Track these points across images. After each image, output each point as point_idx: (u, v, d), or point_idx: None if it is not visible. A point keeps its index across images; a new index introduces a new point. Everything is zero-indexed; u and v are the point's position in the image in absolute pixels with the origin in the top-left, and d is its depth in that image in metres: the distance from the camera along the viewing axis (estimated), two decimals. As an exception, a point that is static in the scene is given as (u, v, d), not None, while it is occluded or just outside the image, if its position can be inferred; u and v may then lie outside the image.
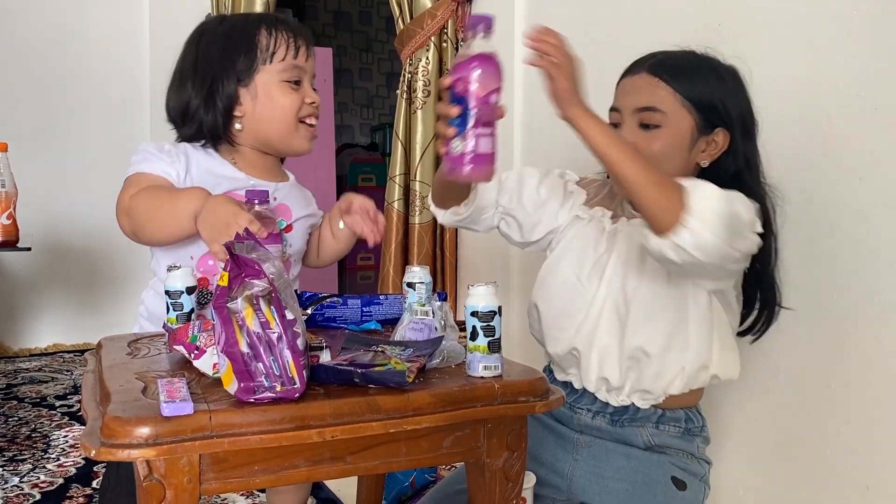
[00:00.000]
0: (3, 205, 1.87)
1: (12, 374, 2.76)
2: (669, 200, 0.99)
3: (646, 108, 1.17)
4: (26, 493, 1.69)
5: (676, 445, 1.21)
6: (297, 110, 1.25)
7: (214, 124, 1.24)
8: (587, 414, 1.23)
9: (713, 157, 1.20)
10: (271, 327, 0.79)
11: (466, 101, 0.97)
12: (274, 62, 1.24)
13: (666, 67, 1.18)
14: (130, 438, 0.73)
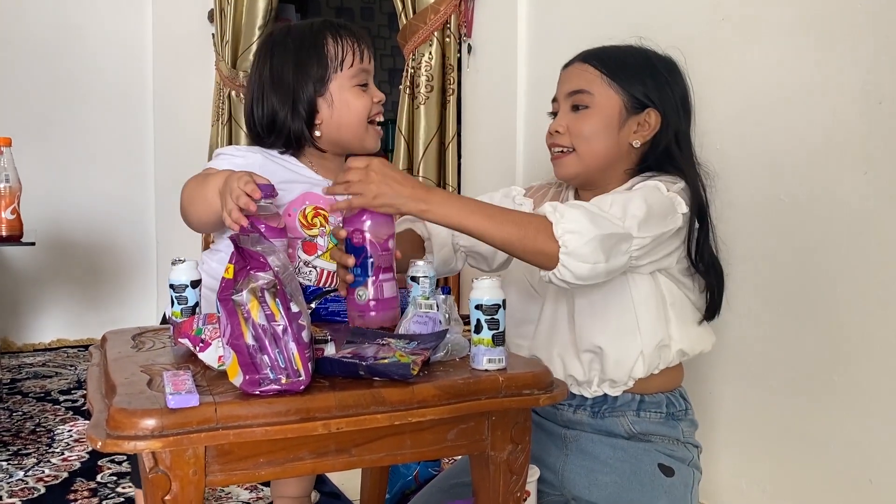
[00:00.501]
0: (7, 200, 1.87)
1: (16, 368, 2.77)
2: (541, 246, 1.04)
3: (576, 92, 1.24)
4: (31, 487, 1.69)
5: (660, 432, 1.22)
6: (368, 112, 1.31)
7: (300, 133, 1.30)
8: (568, 409, 1.24)
9: (645, 138, 1.23)
10: (276, 320, 0.79)
11: (365, 251, 1.04)
12: (344, 69, 1.29)
13: (597, 55, 1.26)
14: (136, 430, 0.73)
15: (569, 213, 1.05)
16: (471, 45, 2.77)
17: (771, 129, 1.52)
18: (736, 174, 1.57)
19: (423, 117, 2.91)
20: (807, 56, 1.46)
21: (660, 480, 1.17)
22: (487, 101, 2.69)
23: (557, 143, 1.25)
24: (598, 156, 1.22)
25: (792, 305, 1.48)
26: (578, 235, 1.02)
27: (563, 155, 1.24)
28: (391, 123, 3.35)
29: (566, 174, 1.26)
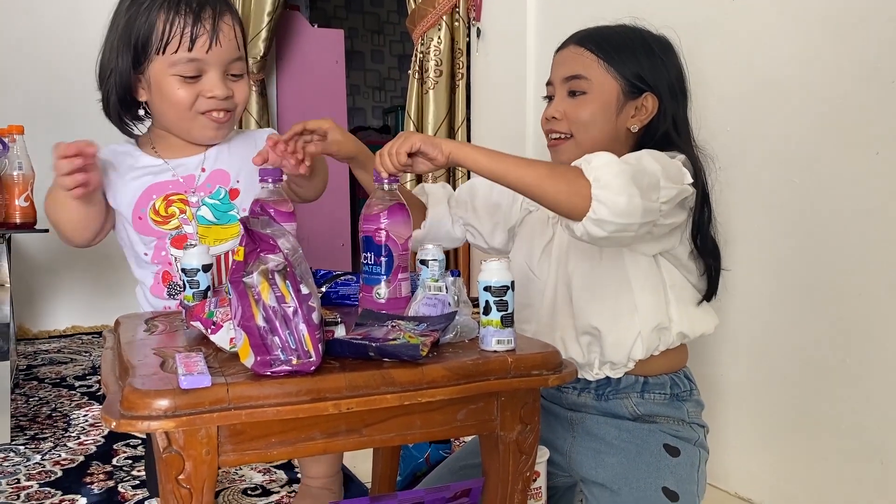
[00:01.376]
0: (21, 187, 1.89)
1: (32, 355, 2.80)
2: (571, 184, 1.01)
3: (572, 77, 1.22)
4: (48, 471, 1.72)
5: (665, 413, 1.22)
6: (190, 104, 1.20)
7: (119, 115, 1.26)
8: (573, 392, 1.25)
9: (643, 122, 1.22)
10: (287, 301, 0.80)
11: (388, 250, 1.04)
12: (167, 53, 1.18)
13: (592, 38, 1.24)
14: (149, 410, 0.74)
15: (599, 156, 1.03)
16: (480, 28, 2.76)
17: (781, 109, 1.51)
18: (746, 155, 1.57)
19: (432, 102, 2.91)
20: (818, 35, 1.44)
21: (665, 461, 1.18)
22: (497, 84, 2.68)
23: (555, 130, 1.24)
24: (596, 142, 1.21)
25: (802, 287, 1.48)
26: (609, 168, 1.00)
27: (561, 141, 1.24)
28: (401, 110, 3.35)
29: (563, 160, 1.24)
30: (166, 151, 1.27)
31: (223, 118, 1.24)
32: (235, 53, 1.22)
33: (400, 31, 7.17)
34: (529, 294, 1.28)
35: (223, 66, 1.21)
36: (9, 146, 1.89)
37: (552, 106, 1.25)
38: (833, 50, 1.42)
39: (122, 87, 1.22)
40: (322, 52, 3.75)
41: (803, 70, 1.47)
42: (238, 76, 1.25)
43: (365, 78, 7.27)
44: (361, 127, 6.53)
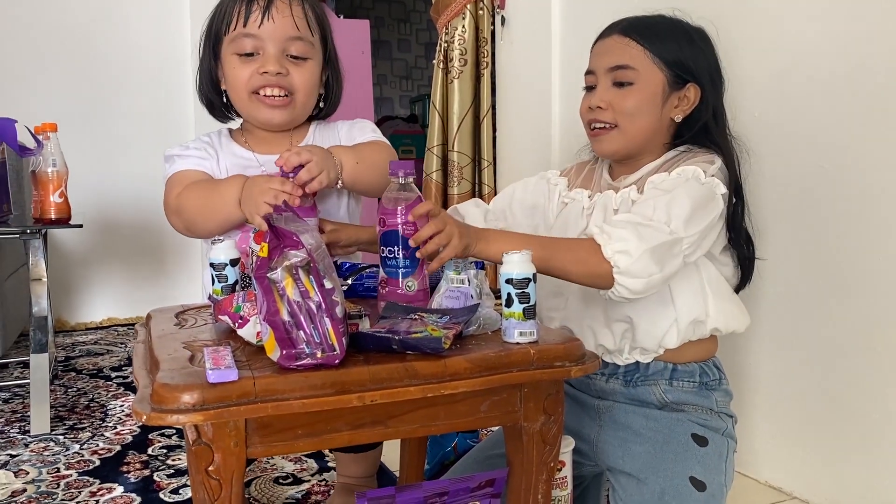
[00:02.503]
0: (55, 183, 1.94)
1: (70, 346, 2.87)
2: (594, 269, 1.07)
3: (619, 67, 1.22)
4: (87, 460, 1.77)
5: (693, 401, 1.22)
6: (247, 82, 1.22)
7: (209, 100, 1.29)
8: (601, 378, 1.25)
9: (686, 113, 1.23)
10: (311, 296, 0.81)
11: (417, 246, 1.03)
12: (229, 32, 1.22)
13: (636, 28, 1.23)
14: (179, 404, 0.76)
15: (616, 232, 1.07)
16: (504, 16, 2.75)
17: (811, 95, 1.49)
18: (775, 141, 1.54)
19: (457, 91, 2.90)
20: (849, 18, 1.42)
21: (693, 450, 1.18)
22: (522, 73, 2.67)
23: (600, 119, 1.23)
24: (641, 132, 1.22)
25: (832, 275, 1.46)
26: (627, 255, 1.05)
27: (605, 131, 1.23)
28: (427, 99, 3.35)
29: (607, 150, 1.25)
30: (257, 145, 1.29)
31: (277, 101, 1.23)
32: (293, 32, 1.22)
33: (426, 20, 7.15)
34: (559, 283, 1.26)
35: (279, 43, 1.21)
36: (43, 144, 1.93)
37: (596, 95, 1.23)
38: (865, 34, 1.39)
39: (208, 79, 1.27)
40: (348, 43, 3.76)
41: (833, 54, 1.44)
42: (299, 58, 1.24)
43: (392, 67, 7.27)
44: (389, 117, 6.54)
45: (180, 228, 1.24)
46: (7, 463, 1.75)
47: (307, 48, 1.25)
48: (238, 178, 1.18)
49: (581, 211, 1.30)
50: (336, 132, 1.35)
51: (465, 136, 2.93)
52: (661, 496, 1.14)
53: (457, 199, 2.98)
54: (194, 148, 1.28)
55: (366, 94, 3.88)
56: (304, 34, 1.24)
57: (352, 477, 1.43)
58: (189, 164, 1.25)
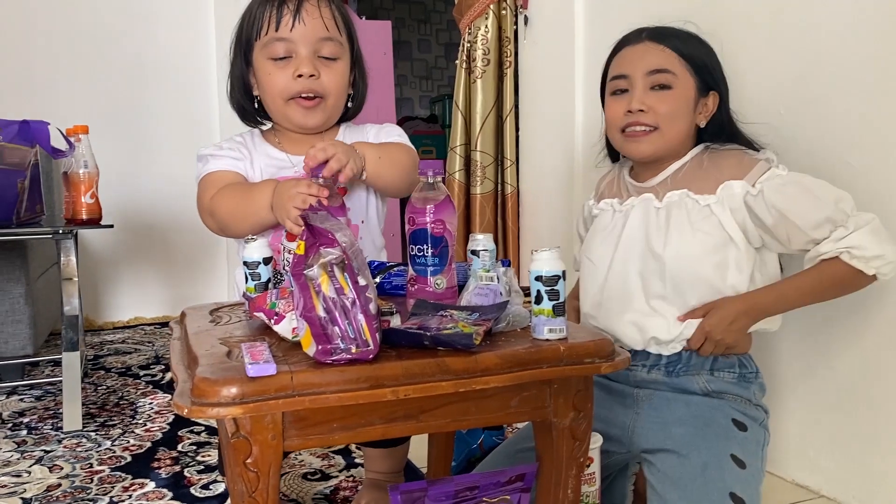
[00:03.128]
0: (87, 185, 1.97)
1: (98, 345, 2.91)
2: (860, 285, 1.22)
3: (658, 71, 1.25)
4: (118, 456, 1.80)
5: (733, 391, 1.25)
6: (283, 87, 1.23)
7: (240, 106, 1.31)
8: (642, 369, 1.28)
9: (707, 119, 1.29)
10: (345, 293, 0.83)
11: (445, 241, 1.06)
12: (260, 37, 1.23)
13: (666, 35, 1.27)
14: (219, 398, 0.78)
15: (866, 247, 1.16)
16: (527, 16, 2.76)
17: (836, 91, 1.49)
18: (799, 137, 1.54)
19: (479, 91, 2.92)
20: (873, 14, 1.41)
21: (734, 433, 1.20)
22: (545, 72, 2.67)
23: (641, 122, 1.25)
24: (678, 135, 1.27)
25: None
26: (885, 262, 1.17)
27: (644, 134, 1.26)
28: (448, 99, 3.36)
29: (645, 152, 1.28)
30: (290, 146, 1.30)
31: (311, 104, 1.25)
32: (323, 33, 1.24)
33: (446, 20, 7.17)
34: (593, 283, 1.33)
35: (310, 45, 1.23)
36: (75, 146, 1.96)
37: (636, 98, 1.26)
38: (888, 26, 1.38)
39: (240, 86, 1.29)
40: (371, 44, 3.79)
41: (858, 50, 1.44)
42: (329, 59, 1.25)
43: (412, 67, 7.30)
44: (409, 117, 6.56)
45: (214, 229, 1.27)
46: (42, 458, 1.78)
47: (337, 48, 1.27)
48: (270, 183, 1.20)
49: (612, 214, 1.35)
50: (365, 134, 1.37)
51: (487, 136, 2.95)
52: (704, 469, 1.15)
53: (480, 198, 2.99)
54: (228, 148, 1.30)
55: (388, 96, 3.91)
56: (334, 35, 1.26)
57: (380, 472, 1.45)
58: (223, 164, 1.27)
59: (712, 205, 1.23)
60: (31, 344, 2.37)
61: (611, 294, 1.29)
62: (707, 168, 1.26)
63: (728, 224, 1.22)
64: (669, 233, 1.24)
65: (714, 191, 1.24)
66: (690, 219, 1.23)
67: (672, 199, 1.26)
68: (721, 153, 1.28)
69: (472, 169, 2.99)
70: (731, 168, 1.24)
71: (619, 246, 1.29)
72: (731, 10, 1.30)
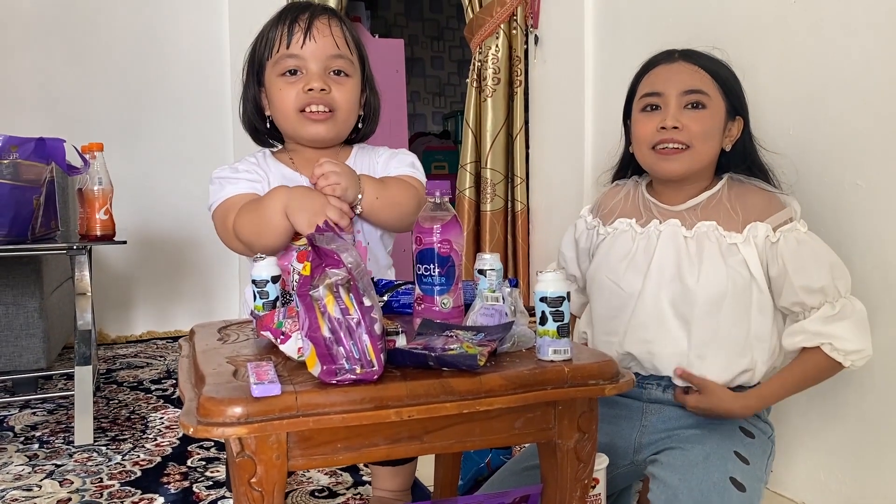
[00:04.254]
0: (101, 201, 2.00)
1: (111, 359, 2.94)
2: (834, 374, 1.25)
3: (693, 91, 1.25)
4: (128, 470, 1.81)
5: None
6: (293, 101, 1.24)
7: (253, 126, 1.32)
8: (657, 388, 1.29)
9: (732, 143, 1.29)
10: (351, 313, 0.83)
11: (452, 261, 1.05)
12: (272, 56, 1.25)
13: (698, 57, 1.28)
14: (224, 417, 0.79)
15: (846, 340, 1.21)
16: (538, 35, 2.78)
17: (845, 112, 1.49)
18: (809, 158, 1.54)
19: (490, 109, 2.93)
20: (881, 35, 1.41)
21: (740, 437, 1.23)
22: (555, 91, 2.69)
23: (675, 139, 1.25)
24: (708, 156, 1.27)
25: (868, 291, 1.45)
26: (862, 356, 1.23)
27: (677, 152, 1.26)
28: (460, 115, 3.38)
29: (676, 171, 1.27)
30: (303, 165, 1.31)
31: (321, 116, 1.26)
32: (334, 50, 1.26)
33: (459, 37, 7.22)
34: (618, 308, 1.32)
35: (321, 61, 1.25)
36: (90, 163, 1.99)
37: (670, 115, 1.25)
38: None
39: (253, 106, 1.30)
40: (383, 62, 3.82)
41: (868, 71, 1.44)
42: (341, 74, 1.27)
43: (425, 84, 7.34)
44: (422, 133, 6.59)
45: (242, 251, 1.27)
46: (53, 472, 1.80)
47: (348, 66, 1.28)
48: (280, 188, 1.20)
49: (633, 237, 1.32)
50: (377, 157, 1.37)
51: (498, 154, 2.96)
52: (706, 457, 1.17)
53: (490, 215, 2.99)
54: (244, 170, 1.30)
55: (400, 113, 3.93)
56: (345, 53, 1.28)
57: (388, 491, 1.45)
58: (241, 188, 1.27)
59: (739, 244, 1.24)
60: (45, 357, 2.39)
61: (642, 321, 1.28)
62: (734, 203, 1.27)
63: (753, 265, 1.24)
64: (702, 265, 1.24)
65: (741, 229, 1.25)
66: (721, 252, 1.24)
67: (701, 229, 1.26)
68: (746, 188, 1.29)
69: (483, 186, 3.00)
70: (758, 209, 1.25)
71: (648, 274, 1.27)
72: (741, 31, 1.31)
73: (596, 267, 1.37)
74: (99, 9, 3.24)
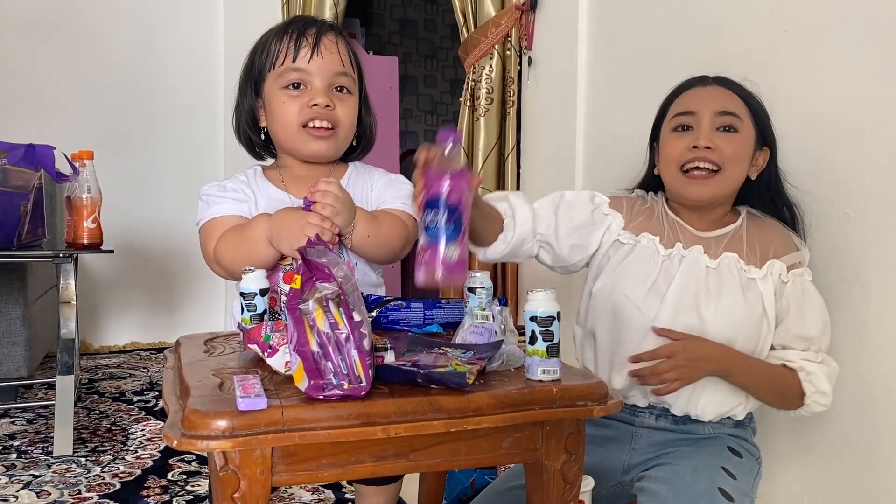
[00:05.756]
0: (90, 209, 1.98)
1: (93, 369, 2.90)
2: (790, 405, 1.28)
3: (727, 113, 1.25)
4: (107, 483, 1.78)
5: (731, 432, 1.31)
6: (296, 116, 1.23)
7: (247, 139, 1.31)
8: (649, 417, 1.30)
9: (757, 173, 1.30)
10: (340, 328, 0.83)
11: (459, 212, 1.01)
12: (275, 68, 1.24)
13: (732, 84, 1.29)
14: (209, 431, 0.78)
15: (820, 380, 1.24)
16: (531, 57, 2.79)
17: (836, 142, 1.50)
18: (798, 187, 1.55)
19: (482, 129, 2.94)
20: (873, 65, 1.43)
21: (727, 455, 1.24)
22: (547, 112, 2.70)
23: (708, 159, 1.23)
24: (736, 180, 1.27)
25: (858, 320, 1.46)
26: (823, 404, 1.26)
27: (708, 176, 1.24)
28: (452, 134, 3.40)
29: (705, 196, 1.26)
30: (293, 184, 1.29)
31: (324, 133, 1.25)
32: (339, 68, 1.26)
33: (453, 57, 7.26)
34: (631, 331, 1.26)
35: (326, 78, 1.25)
36: (79, 170, 1.98)
37: (703, 135, 1.24)
38: (890, 81, 1.40)
39: (249, 118, 1.29)
40: (377, 79, 3.83)
41: (858, 101, 1.45)
42: (343, 91, 1.27)
43: (417, 102, 7.36)
44: (413, 150, 6.60)
45: (223, 275, 1.25)
46: (30, 483, 1.77)
47: (350, 83, 1.28)
48: (262, 217, 1.19)
49: (654, 256, 1.29)
50: (371, 180, 1.34)
51: (489, 173, 2.97)
52: (695, 470, 1.17)
53: (479, 234, 2.99)
54: (232, 189, 1.28)
55: (392, 129, 3.94)
56: (348, 70, 1.28)
57: None
58: (226, 209, 1.25)
59: (759, 279, 1.25)
60: (26, 366, 2.36)
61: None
62: (752, 237, 1.28)
63: (768, 301, 1.25)
64: (721, 297, 1.24)
65: (759, 265, 1.26)
66: (741, 286, 1.25)
67: (725, 261, 1.27)
68: (765, 223, 1.32)
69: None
70: (775, 245, 1.28)
71: (665, 299, 1.25)
72: (733, 59, 1.33)
73: (614, 279, 1.31)
74: (92, 18, 3.23)
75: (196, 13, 3.38)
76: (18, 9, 3.12)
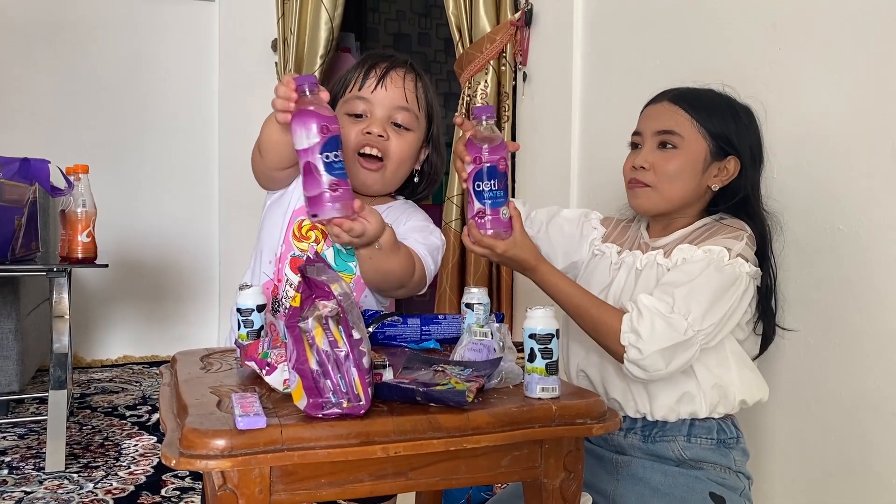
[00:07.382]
0: (84, 223, 1.98)
1: (86, 384, 2.88)
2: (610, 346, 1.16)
3: (665, 132, 1.27)
4: (100, 499, 1.77)
5: (711, 459, 1.22)
6: (353, 140, 1.25)
7: None
8: (619, 433, 1.26)
9: (724, 183, 1.28)
10: (339, 346, 0.83)
11: (506, 177, 1.16)
12: (344, 95, 1.29)
13: (686, 98, 1.29)
14: (207, 450, 0.77)
15: (643, 323, 1.11)
16: (526, 73, 2.81)
17: (829, 158, 1.51)
18: (793, 202, 1.56)
19: (478, 143, 2.95)
20: (866, 83, 1.44)
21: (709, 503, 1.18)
22: (542, 128, 2.72)
23: (639, 179, 1.28)
24: (676, 195, 1.27)
25: (850, 336, 1.46)
26: (639, 351, 1.11)
27: (644, 188, 1.28)
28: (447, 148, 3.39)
29: (642, 206, 1.30)
30: None
31: (373, 165, 1.27)
32: (401, 102, 1.28)
33: (447, 71, 7.28)
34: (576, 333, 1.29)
35: (387, 109, 1.28)
36: (74, 184, 1.97)
37: (641, 155, 1.28)
38: (882, 99, 1.41)
39: None
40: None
41: (852, 118, 1.47)
42: (402, 127, 1.29)
43: (411, 115, 7.39)
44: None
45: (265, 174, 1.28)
46: (21, 500, 1.75)
47: (411, 120, 1.30)
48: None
49: (608, 266, 1.33)
50: (407, 216, 1.33)
51: (484, 187, 2.97)
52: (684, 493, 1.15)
53: (474, 248, 2.99)
54: None
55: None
56: (412, 107, 1.30)
57: None
58: None
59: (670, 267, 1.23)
60: (18, 381, 2.34)
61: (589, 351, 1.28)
62: (702, 240, 1.24)
63: None
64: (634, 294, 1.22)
65: None
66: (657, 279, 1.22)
67: (647, 260, 1.26)
68: (723, 228, 1.24)
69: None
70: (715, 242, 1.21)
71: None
72: (727, 73, 1.34)
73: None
74: (87, 31, 3.24)
75: (191, 27, 3.38)
76: (13, 23, 3.12)
